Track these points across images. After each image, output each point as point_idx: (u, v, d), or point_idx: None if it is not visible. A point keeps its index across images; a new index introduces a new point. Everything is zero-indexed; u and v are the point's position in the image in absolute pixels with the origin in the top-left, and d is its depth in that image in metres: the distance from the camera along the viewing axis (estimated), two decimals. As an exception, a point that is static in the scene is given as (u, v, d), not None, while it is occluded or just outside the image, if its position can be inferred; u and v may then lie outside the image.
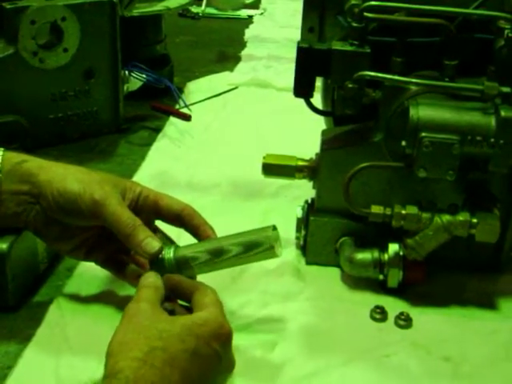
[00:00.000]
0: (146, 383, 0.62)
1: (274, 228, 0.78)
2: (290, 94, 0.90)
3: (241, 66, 1.70)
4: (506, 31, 0.81)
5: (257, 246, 0.77)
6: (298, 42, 0.85)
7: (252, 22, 2.06)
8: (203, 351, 0.67)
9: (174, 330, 0.67)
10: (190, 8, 2.07)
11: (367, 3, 0.82)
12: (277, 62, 1.68)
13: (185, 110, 1.40)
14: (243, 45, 1.86)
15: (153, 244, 0.78)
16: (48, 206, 0.79)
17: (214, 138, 1.33)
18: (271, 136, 1.29)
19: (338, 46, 0.84)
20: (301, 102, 0.91)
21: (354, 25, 0.83)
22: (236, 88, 1.56)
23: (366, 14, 0.82)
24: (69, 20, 1.20)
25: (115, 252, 0.85)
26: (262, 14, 2.14)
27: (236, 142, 1.30)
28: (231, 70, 1.68)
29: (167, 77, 1.47)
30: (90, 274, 0.90)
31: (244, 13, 2.11)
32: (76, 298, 0.87)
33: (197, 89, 1.54)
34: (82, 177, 0.80)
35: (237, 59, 1.75)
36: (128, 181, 0.87)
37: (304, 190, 1.01)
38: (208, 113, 1.43)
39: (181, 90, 1.52)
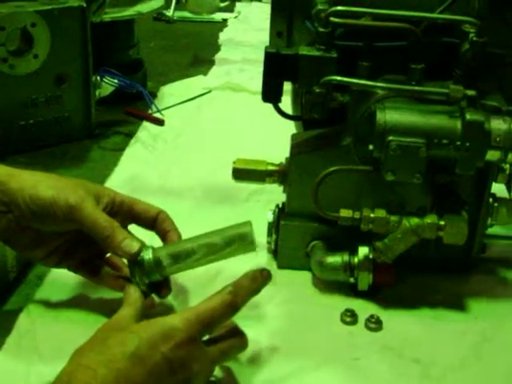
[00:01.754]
0: (78, 382, 0.63)
1: (250, 223, 0.80)
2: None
3: (215, 70, 1.71)
4: (471, 35, 0.82)
5: (236, 241, 0.79)
6: (266, 47, 0.86)
7: (226, 26, 2.07)
8: (145, 354, 0.66)
9: (118, 334, 0.68)
10: (164, 12, 2.07)
11: (333, 8, 0.83)
12: (251, 65, 1.69)
13: (158, 115, 1.40)
14: (218, 48, 1.87)
15: (132, 244, 0.78)
16: (21, 214, 0.79)
17: (188, 142, 1.33)
18: (245, 140, 1.30)
19: (304, 50, 0.84)
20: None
21: (321, 30, 0.84)
22: (210, 92, 1.56)
23: (332, 18, 0.83)
24: (39, 26, 1.20)
25: (88, 257, 0.85)
26: (236, 17, 2.15)
27: (209, 146, 1.30)
28: (205, 73, 1.68)
29: (140, 81, 1.47)
30: (60, 281, 0.90)
31: (218, 16, 2.11)
32: (46, 306, 0.87)
33: (170, 93, 1.55)
34: (54, 183, 0.80)
35: (211, 63, 1.76)
36: (100, 186, 0.88)
37: (276, 194, 1.01)
38: (181, 117, 1.44)
39: (154, 95, 1.52)
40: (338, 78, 0.83)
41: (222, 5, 2.07)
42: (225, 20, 2.11)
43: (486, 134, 0.80)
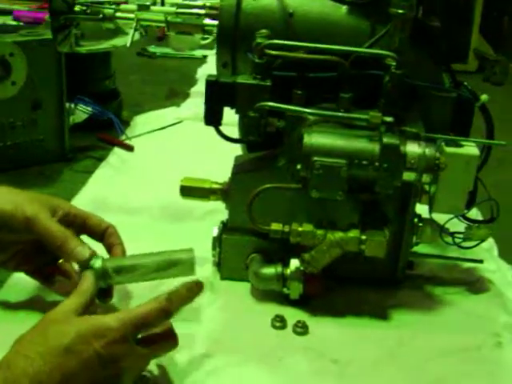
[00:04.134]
0: (17, 369, 0.70)
1: (192, 250, 0.88)
2: (229, 128, 1.00)
3: (188, 102, 1.80)
4: (392, 67, 0.91)
5: (178, 264, 0.87)
6: (207, 76, 0.95)
7: (206, 62, 2.16)
8: (79, 348, 0.73)
9: (57, 326, 0.74)
10: (147, 47, 2.18)
11: (269, 41, 0.92)
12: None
13: (128, 141, 1.49)
14: (194, 82, 1.96)
15: (83, 252, 0.86)
16: None
17: (154, 167, 1.41)
18: (206, 163, 1.36)
19: (241, 79, 0.93)
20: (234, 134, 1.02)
21: (257, 61, 0.93)
22: (181, 122, 1.65)
23: (267, 51, 0.92)
24: (17, 56, 1.29)
25: (44, 264, 0.94)
26: (216, 53, 2.24)
27: (174, 170, 1.36)
28: (179, 105, 1.78)
29: (115, 110, 1.56)
30: (19, 286, 0.97)
31: (199, 53, 2.21)
32: (5, 307, 0.95)
33: (143, 122, 1.64)
34: (13, 197, 0.89)
35: (186, 95, 1.85)
36: (56, 199, 0.95)
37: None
38: (152, 144, 1.53)
39: (128, 123, 1.61)
40: (271, 104, 0.92)
41: (203, 42, 2.16)
42: (205, 56, 2.20)
43: (401, 156, 0.89)
